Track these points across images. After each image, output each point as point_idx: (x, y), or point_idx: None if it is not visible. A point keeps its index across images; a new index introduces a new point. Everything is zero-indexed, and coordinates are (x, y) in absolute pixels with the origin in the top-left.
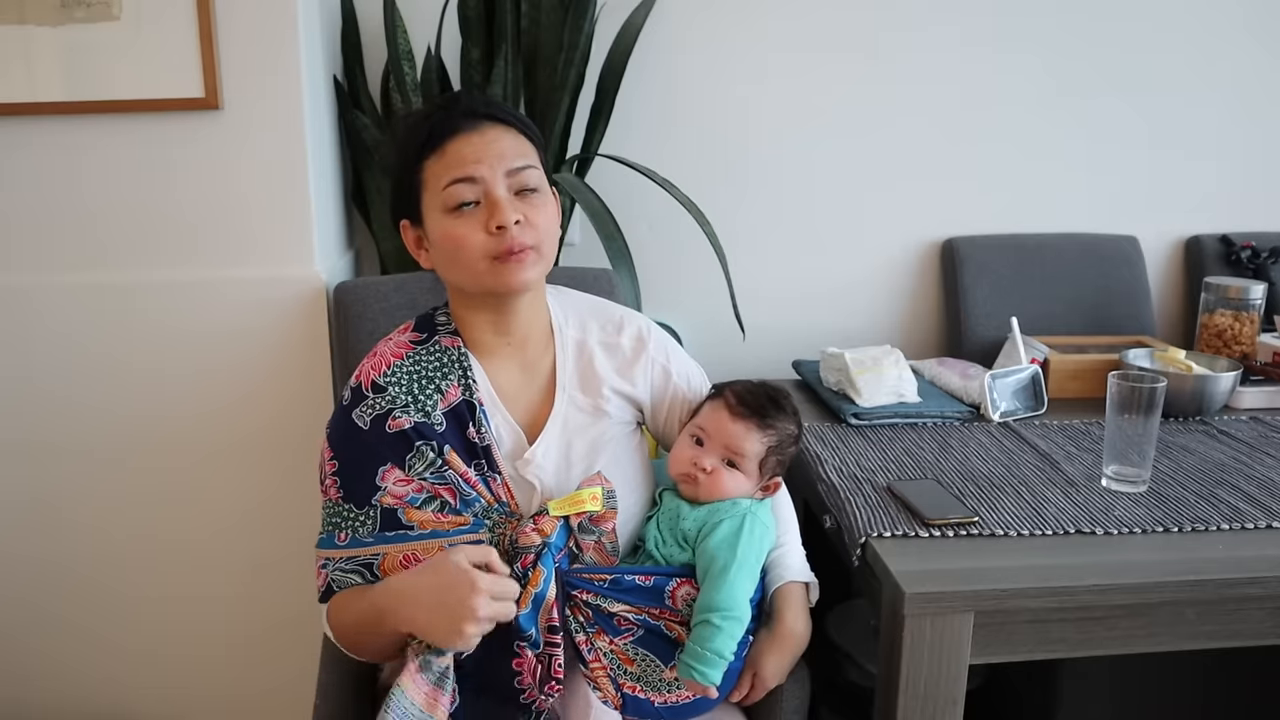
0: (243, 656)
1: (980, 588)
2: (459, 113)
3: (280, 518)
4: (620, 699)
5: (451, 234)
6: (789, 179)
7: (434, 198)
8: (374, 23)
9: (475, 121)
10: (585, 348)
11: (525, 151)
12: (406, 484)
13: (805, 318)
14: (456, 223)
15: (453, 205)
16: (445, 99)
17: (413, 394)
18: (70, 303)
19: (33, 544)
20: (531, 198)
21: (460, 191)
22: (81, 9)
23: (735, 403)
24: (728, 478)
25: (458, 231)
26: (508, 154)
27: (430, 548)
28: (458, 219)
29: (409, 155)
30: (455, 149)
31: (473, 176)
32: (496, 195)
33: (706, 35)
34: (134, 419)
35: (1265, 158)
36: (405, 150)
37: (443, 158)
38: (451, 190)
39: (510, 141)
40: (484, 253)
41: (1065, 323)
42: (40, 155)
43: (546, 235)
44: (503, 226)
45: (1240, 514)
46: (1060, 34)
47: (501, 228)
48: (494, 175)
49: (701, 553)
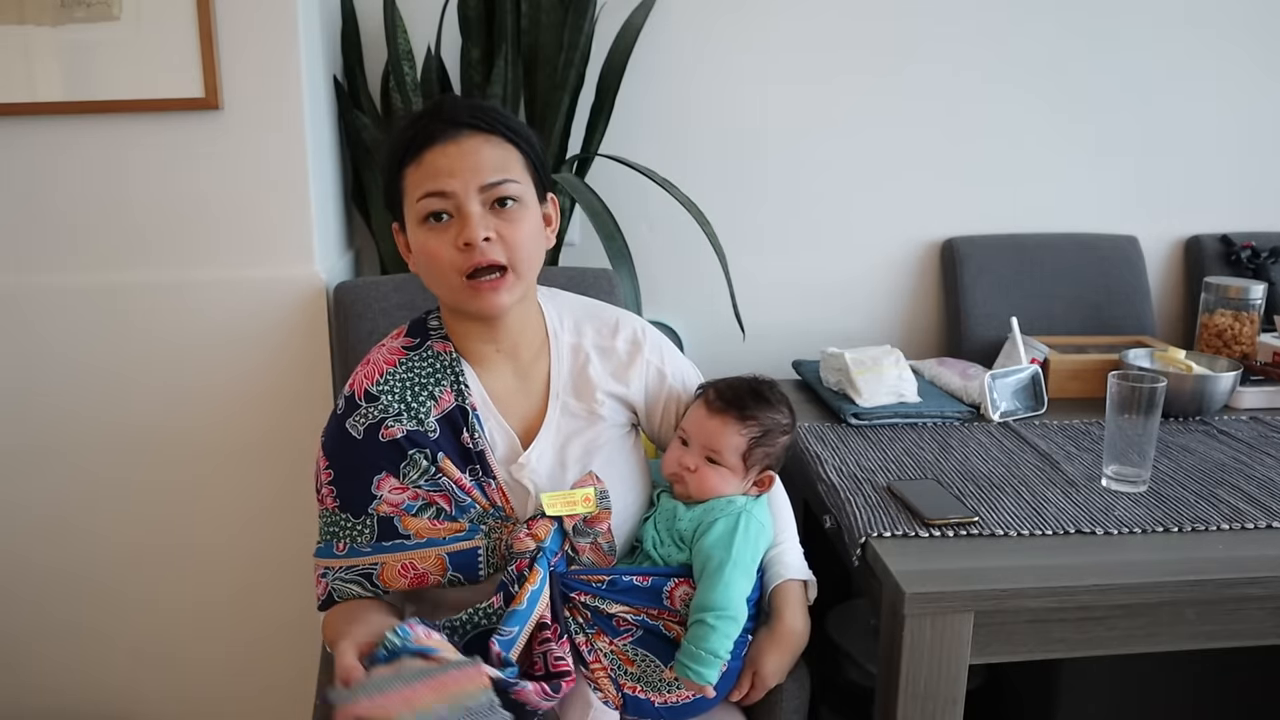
0: (243, 658)
1: (980, 588)
2: (440, 120)
3: (281, 519)
4: (621, 699)
5: (424, 246)
6: (789, 178)
7: (411, 207)
8: (374, 23)
9: (455, 130)
10: (580, 352)
11: (506, 163)
12: (402, 492)
13: (805, 318)
14: (429, 235)
15: (425, 217)
16: (432, 105)
17: (405, 402)
18: (69, 303)
19: (31, 546)
20: (508, 211)
21: (432, 204)
22: (81, 9)
23: (713, 398)
24: (712, 474)
25: (430, 244)
26: (484, 167)
27: (427, 556)
28: (431, 231)
29: (393, 160)
30: (431, 159)
31: (444, 191)
32: (467, 210)
33: (706, 35)
34: (133, 420)
35: (1265, 158)
36: (390, 155)
37: (420, 167)
38: (424, 203)
39: (490, 153)
40: (455, 268)
41: (1065, 323)
42: (40, 155)
43: (523, 251)
44: (470, 243)
45: (1240, 514)
46: (1061, 34)
47: (469, 244)
48: (466, 189)
49: (697, 552)
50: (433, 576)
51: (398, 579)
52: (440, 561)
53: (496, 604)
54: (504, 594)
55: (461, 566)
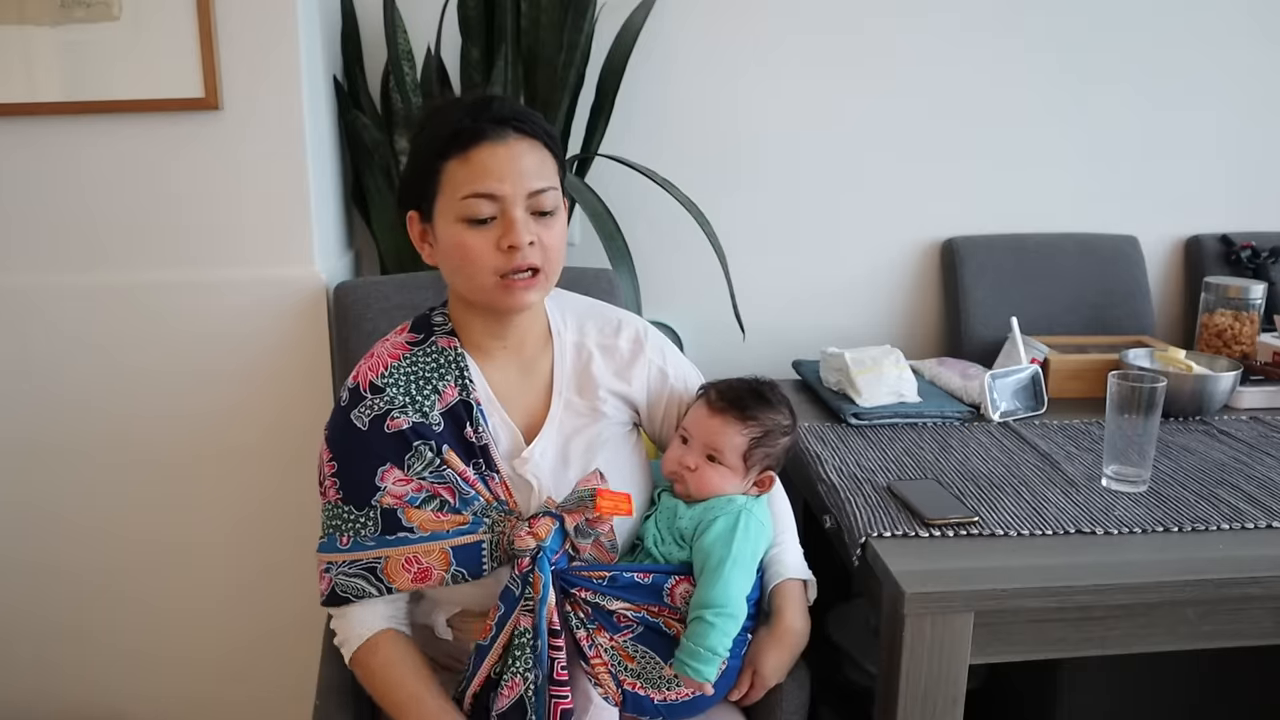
0: (243, 658)
1: (980, 588)
2: (490, 118)
3: (280, 519)
4: (620, 695)
5: (462, 243)
6: (789, 179)
7: (450, 203)
8: (374, 23)
9: (504, 131)
10: (583, 350)
11: (548, 170)
12: (406, 484)
13: (805, 318)
14: (468, 234)
15: (468, 217)
16: (476, 99)
17: (410, 395)
18: (69, 303)
19: (30, 546)
20: (546, 219)
21: (479, 207)
22: (81, 9)
23: (715, 398)
24: (712, 473)
25: (469, 243)
26: (531, 173)
27: (431, 550)
28: (470, 230)
29: (431, 150)
30: (480, 158)
31: (494, 194)
32: (514, 215)
33: (706, 35)
34: (133, 420)
35: (1265, 158)
36: (428, 144)
37: (466, 164)
38: (470, 203)
39: (535, 158)
40: (492, 269)
41: (1065, 323)
42: (40, 155)
43: (554, 256)
44: (515, 247)
45: (1240, 514)
46: (1060, 35)
47: (513, 248)
48: (515, 195)
49: (697, 550)
50: (437, 572)
51: (401, 573)
52: (444, 556)
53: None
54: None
55: (465, 561)
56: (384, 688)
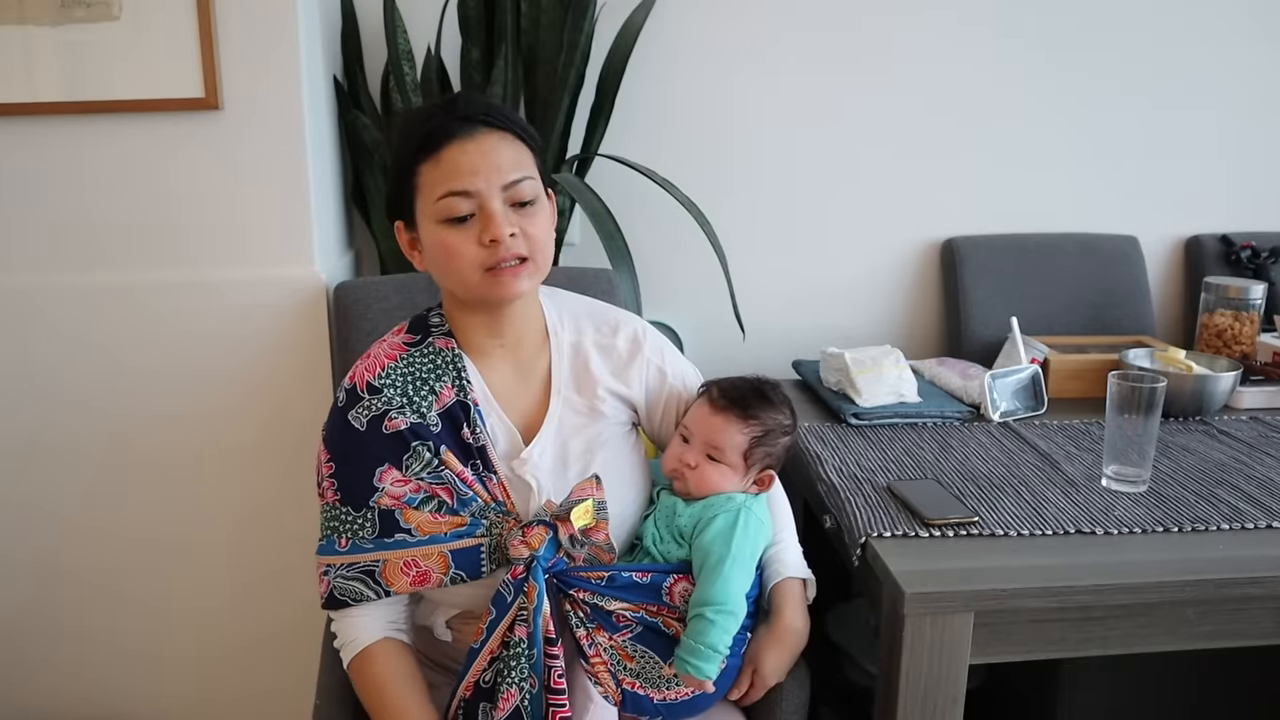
0: (243, 659)
1: (980, 588)
2: (456, 117)
3: (280, 519)
4: (620, 695)
5: (444, 243)
6: (789, 179)
7: (428, 206)
8: (374, 23)
9: (472, 127)
10: (580, 349)
11: (522, 161)
12: (404, 484)
13: (805, 318)
14: (449, 233)
15: (447, 217)
16: (443, 100)
17: (407, 395)
18: (69, 303)
19: (30, 546)
20: (527, 209)
21: (455, 205)
22: (81, 9)
23: (716, 396)
24: (712, 471)
25: (451, 242)
26: (504, 166)
27: (430, 554)
28: (451, 229)
29: (404, 158)
30: (450, 157)
31: (468, 190)
32: (492, 209)
33: (707, 35)
34: (133, 420)
35: (1265, 158)
36: (400, 153)
37: (438, 165)
38: (446, 203)
39: (507, 151)
40: (477, 264)
41: (1065, 323)
42: (40, 155)
43: (541, 245)
44: (496, 240)
45: (1240, 514)
46: (1060, 34)
47: (495, 241)
48: (490, 189)
49: (697, 547)
50: (435, 575)
51: (400, 577)
52: (443, 560)
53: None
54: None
55: (464, 564)
56: (376, 700)
